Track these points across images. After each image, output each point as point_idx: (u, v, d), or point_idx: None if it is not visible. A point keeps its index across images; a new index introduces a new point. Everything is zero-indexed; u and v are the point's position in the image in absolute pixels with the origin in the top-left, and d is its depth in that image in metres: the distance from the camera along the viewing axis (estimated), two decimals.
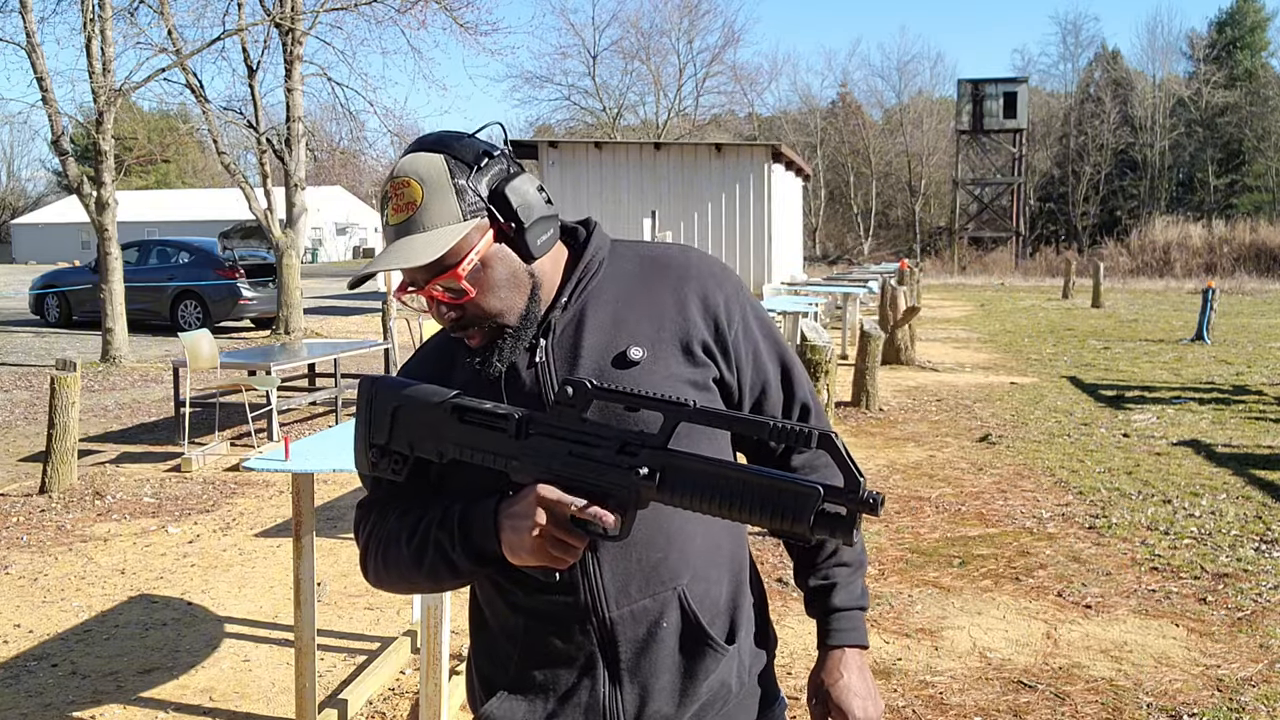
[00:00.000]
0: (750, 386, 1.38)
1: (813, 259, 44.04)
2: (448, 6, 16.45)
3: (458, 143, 1.27)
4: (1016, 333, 16.68)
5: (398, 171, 1.26)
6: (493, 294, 1.27)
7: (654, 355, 1.30)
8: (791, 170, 25.41)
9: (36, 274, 20.47)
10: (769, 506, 1.09)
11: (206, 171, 60.22)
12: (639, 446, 1.16)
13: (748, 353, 1.37)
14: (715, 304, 1.35)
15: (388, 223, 1.27)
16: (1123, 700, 3.45)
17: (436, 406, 1.27)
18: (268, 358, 8.43)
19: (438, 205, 1.23)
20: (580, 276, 1.34)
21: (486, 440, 1.23)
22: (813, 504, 1.07)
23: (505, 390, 1.31)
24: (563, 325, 1.32)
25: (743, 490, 1.10)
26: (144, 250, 17.39)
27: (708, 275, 1.37)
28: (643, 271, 1.37)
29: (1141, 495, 6.09)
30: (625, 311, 1.33)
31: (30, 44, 12.52)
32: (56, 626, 4.27)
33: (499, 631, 1.37)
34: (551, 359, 1.31)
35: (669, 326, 1.32)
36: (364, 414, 1.32)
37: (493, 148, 1.28)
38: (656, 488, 1.13)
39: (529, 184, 1.27)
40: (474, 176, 1.25)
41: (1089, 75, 56.67)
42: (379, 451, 1.31)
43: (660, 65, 47.80)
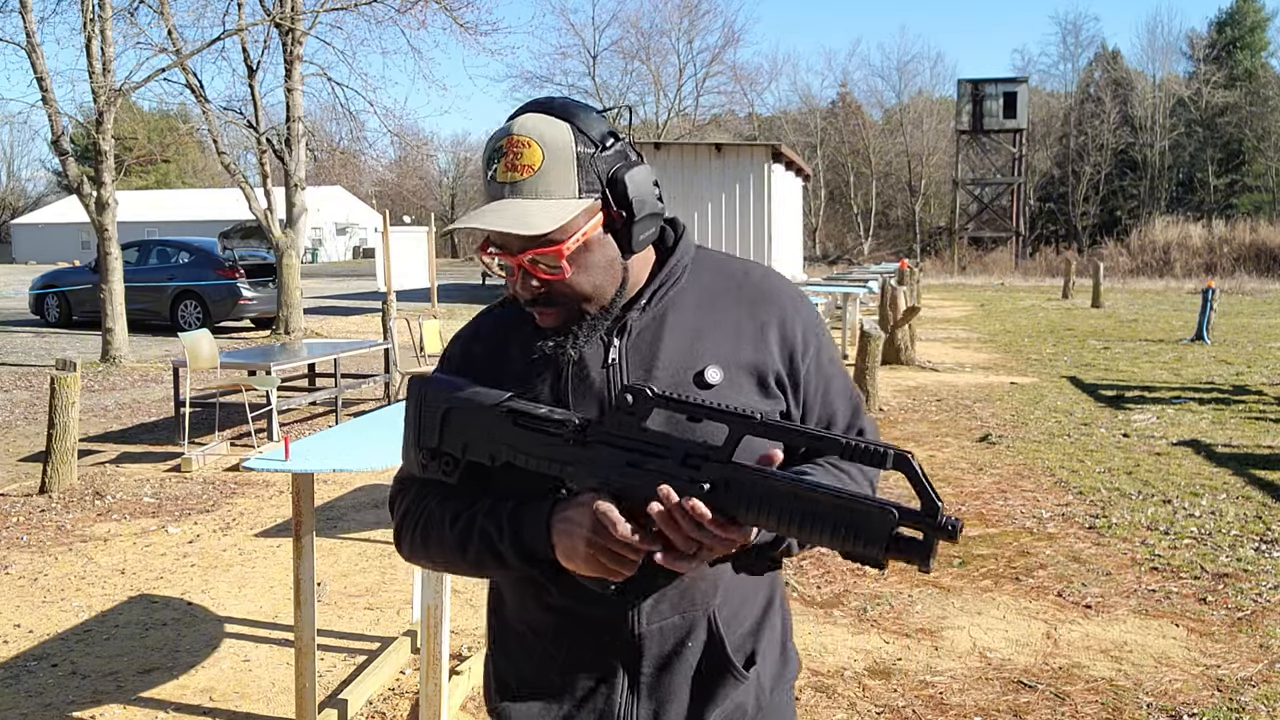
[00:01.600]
0: (817, 421, 1.34)
1: (813, 259, 44.04)
2: (448, 6, 16.44)
3: (586, 116, 1.23)
4: (1016, 333, 16.68)
5: (520, 129, 1.21)
6: (586, 277, 1.24)
7: (729, 380, 1.27)
8: (791, 170, 25.40)
9: (36, 274, 20.47)
10: (840, 528, 1.04)
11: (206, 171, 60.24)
12: (701, 459, 1.11)
13: (817, 389, 1.34)
14: (792, 334, 1.32)
15: (495, 178, 1.21)
16: (1123, 700, 3.45)
17: (490, 409, 1.23)
18: (268, 358, 8.43)
19: (557, 175, 1.20)
20: (664, 280, 1.31)
21: (542, 445, 1.20)
22: (888, 527, 1.02)
23: (570, 383, 1.28)
24: (640, 328, 1.29)
25: (812, 509, 1.05)
26: (144, 250, 17.40)
27: (788, 302, 1.35)
28: (724, 286, 1.34)
29: (1141, 495, 6.09)
30: (705, 327, 1.30)
31: (30, 44, 12.52)
32: (56, 626, 4.27)
33: (524, 628, 1.35)
34: (625, 362, 1.28)
35: (746, 352, 1.29)
36: (413, 415, 1.29)
37: (618, 131, 1.25)
38: (722, 505, 1.08)
39: (647, 176, 1.25)
40: (597, 155, 1.22)
41: (1089, 75, 56.67)
42: (429, 454, 1.28)
43: (660, 65, 47.84)
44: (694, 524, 1.08)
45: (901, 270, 19.21)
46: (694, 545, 1.10)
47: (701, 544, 1.09)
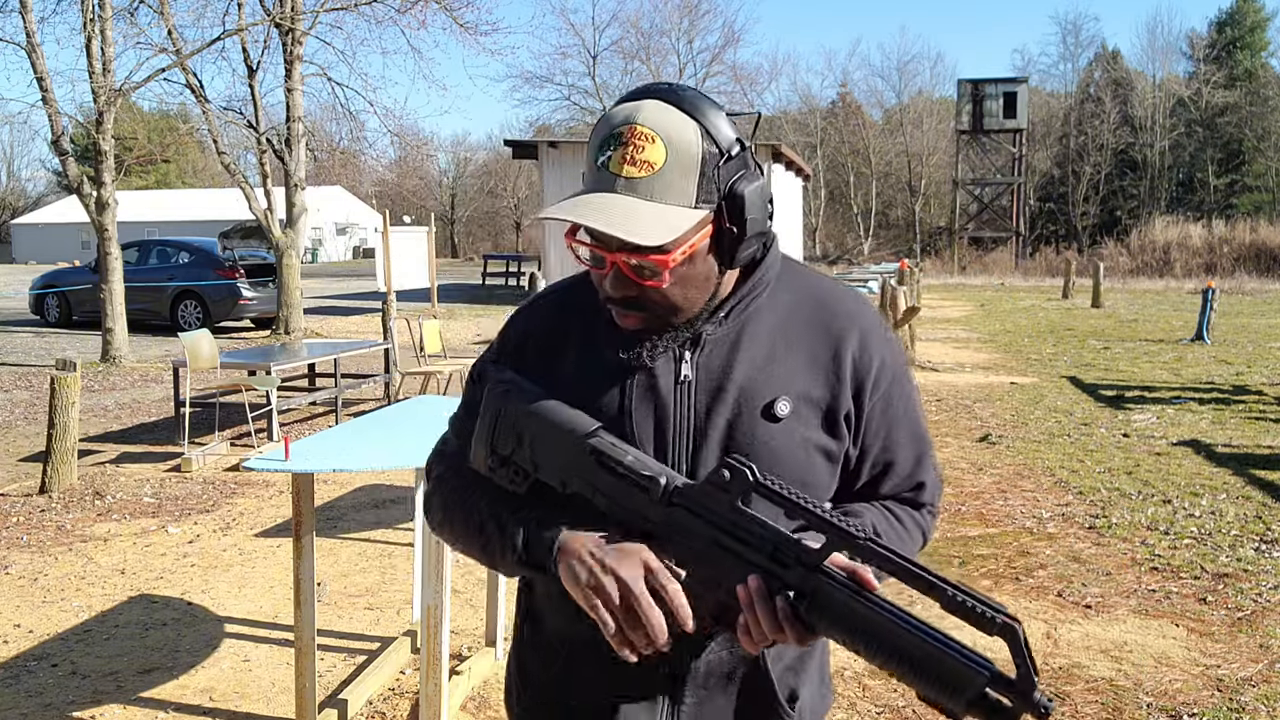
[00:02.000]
0: (873, 464, 1.28)
1: (813, 259, 44.05)
2: (448, 6, 16.45)
3: (716, 116, 1.14)
4: (1016, 333, 16.68)
5: (645, 120, 1.11)
6: (682, 290, 1.16)
7: (797, 414, 1.21)
8: (791, 170, 25.41)
9: (36, 274, 20.48)
10: (927, 674, 0.99)
11: (206, 171, 60.23)
12: (792, 559, 1.05)
13: (880, 429, 1.27)
14: (865, 368, 1.24)
15: (609, 167, 1.11)
16: (1123, 700, 3.45)
17: (574, 440, 1.16)
18: (268, 358, 8.43)
19: (678, 180, 1.10)
20: (746, 294, 1.22)
21: (622, 493, 1.13)
22: (979, 688, 0.96)
23: (633, 391, 1.21)
24: (714, 343, 1.22)
25: (900, 647, 1.00)
26: (144, 250, 17.41)
27: (869, 336, 1.26)
28: (806, 309, 1.26)
29: (1141, 495, 6.09)
30: (781, 351, 1.22)
31: (30, 44, 12.52)
32: (56, 626, 4.27)
33: (564, 645, 1.28)
34: (695, 379, 1.21)
35: (820, 385, 1.22)
36: (490, 420, 1.22)
37: (744, 137, 1.16)
38: (805, 613, 1.03)
39: (764, 193, 1.16)
40: (722, 164, 1.12)
41: (1089, 75, 56.66)
42: (500, 459, 1.21)
43: (660, 65, 47.82)
44: (774, 623, 1.04)
45: (901, 270, 19.20)
46: (766, 639, 1.06)
47: (773, 638, 1.06)
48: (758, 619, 1.04)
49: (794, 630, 1.04)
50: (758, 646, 1.07)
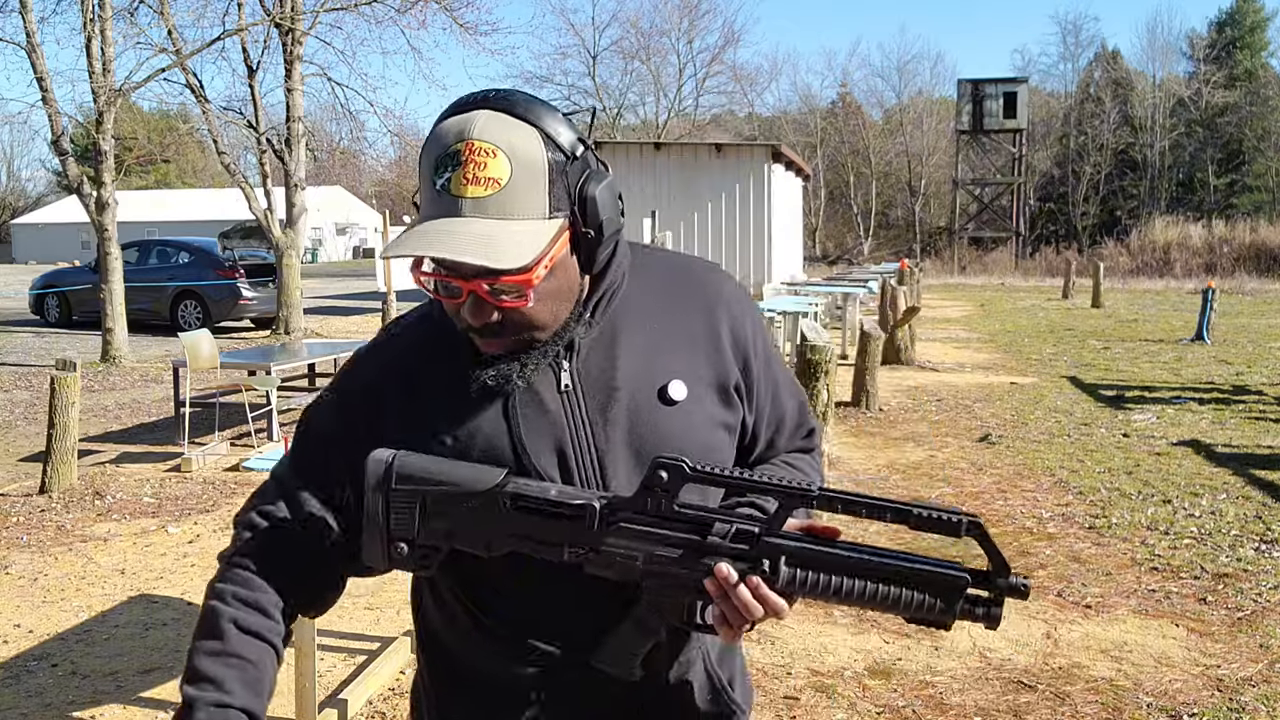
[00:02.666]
0: (768, 423, 1.29)
1: (813, 259, 44.04)
2: (448, 6, 16.46)
3: (553, 119, 1.08)
4: (1016, 333, 16.68)
5: (481, 134, 1.04)
6: (547, 305, 1.10)
7: (694, 395, 1.18)
8: (791, 170, 25.40)
9: (36, 274, 20.47)
10: (909, 597, 1.02)
11: (206, 171, 60.19)
12: (752, 535, 1.06)
13: (768, 391, 1.28)
14: (745, 338, 1.25)
15: (450, 189, 1.03)
16: (1123, 700, 3.45)
17: (484, 500, 1.09)
18: (268, 358, 8.43)
19: (528, 193, 1.04)
20: (607, 289, 1.18)
21: (554, 530, 1.08)
22: (959, 591, 1.01)
23: (519, 412, 1.15)
24: (588, 346, 1.17)
25: (876, 582, 1.03)
26: (144, 250, 17.41)
27: (736, 304, 1.26)
28: (670, 288, 1.24)
29: (1141, 495, 6.09)
30: (660, 337, 1.20)
31: (30, 44, 12.53)
32: (56, 626, 4.27)
33: (496, 684, 1.20)
34: (580, 385, 1.16)
35: (705, 362, 1.21)
36: (380, 503, 1.11)
37: (584, 136, 1.11)
38: (779, 583, 1.04)
39: (614, 189, 1.11)
40: (568, 168, 1.07)
41: (1089, 75, 56.63)
42: (401, 548, 1.12)
43: (660, 65, 47.81)
44: (756, 605, 1.04)
45: (901, 270, 19.21)
46: (746, 621, 1.06)
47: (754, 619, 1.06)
48: (734, 604, 1.04)
49: (774, 604, 1.04)
50: (737, 633, 1.07)
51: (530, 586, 1.16)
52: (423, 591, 1.27)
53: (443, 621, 1.24)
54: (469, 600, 1.20)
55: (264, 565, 1.19)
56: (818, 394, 5.37)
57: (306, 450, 1.25)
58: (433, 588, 1.24)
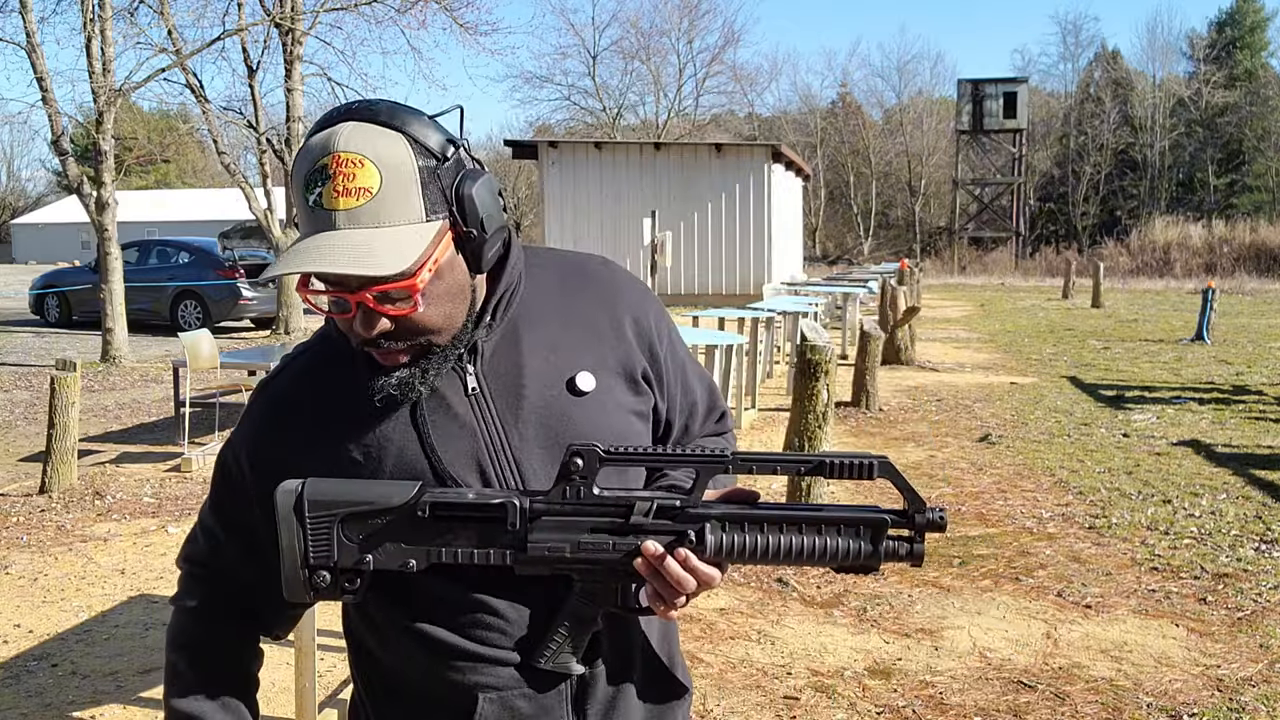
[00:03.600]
0: (680, 410, 1.31)
1: (813, 259, 44.05)
2: (448, 6, 16.46)
3: (419, 123, 1.08)
4: (1016, 333, 16.68)
5: (346, 145, 1.04)
6: (438, 308, 1.10)
7: (603, 385, 1.20)
8: (791, 170, 25.41)
9: (36, 274, 20.48)
10: (832, 547, 1.05)
11: (206, 171, 60.20)
12: (673, 509, 1.08)
13: (677, 378, 1.30)
14: (647, 328, 1.26)
15: (322, 203, 1.03)
16: (1123, 700, 3.45)
17: (401, 509, 1.08)
18: (268, 358, 8.43)
19: (399, 198, 1.04)
20: (505, 290, 1.18)
21: (477, 536, 1.08)
22: (882, 531, 1.05)
23: (428, 420, 1.14)
24: (492, 348, 1.17)
25: (802, 533, 1.05)
26: (144, 250, 17.42)
27: (635, 294, 1.28)
28: (567, 285, 1.25)
29: (1141, 495, 6.09)
30: (561, 334, 1.21)
31: (30, 44, 12.52)
32: (56, 626, 4.27)
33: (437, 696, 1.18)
34: (487, 387, 1.16)
35: (610, 352, 1.22)
36: (295, 532, 1.09)
37: (455, 137, 1.11)
38: (708, 551, 1.06)
39: (492, 187, 1.12)
40: (440, 170, 1.07)
41: (1089, 75, 56.64)
42: (324, 574, 1.10)
43: (660, 65, 47.82)
44: (688, 577, 1.06)
45: (901, 270, 19.21)
46: (681, 595, 1.08)
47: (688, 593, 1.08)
48: (666, 579, 1.07)
49: (705, 573, 1.07)
50: (672, 608, 1.09)
51: (461, 595, 1.15)
52: (351, 614, 1.26)
53: (376, 641, 1.23)
54: (401, 617, 1.18)
55: (208, 614, 1.25)
56: (817, 394, 5.36)
57: (223, 494, 1.25)
58: (361, 609, 1.22)
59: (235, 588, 1.24)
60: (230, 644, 1.26)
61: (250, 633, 1.28)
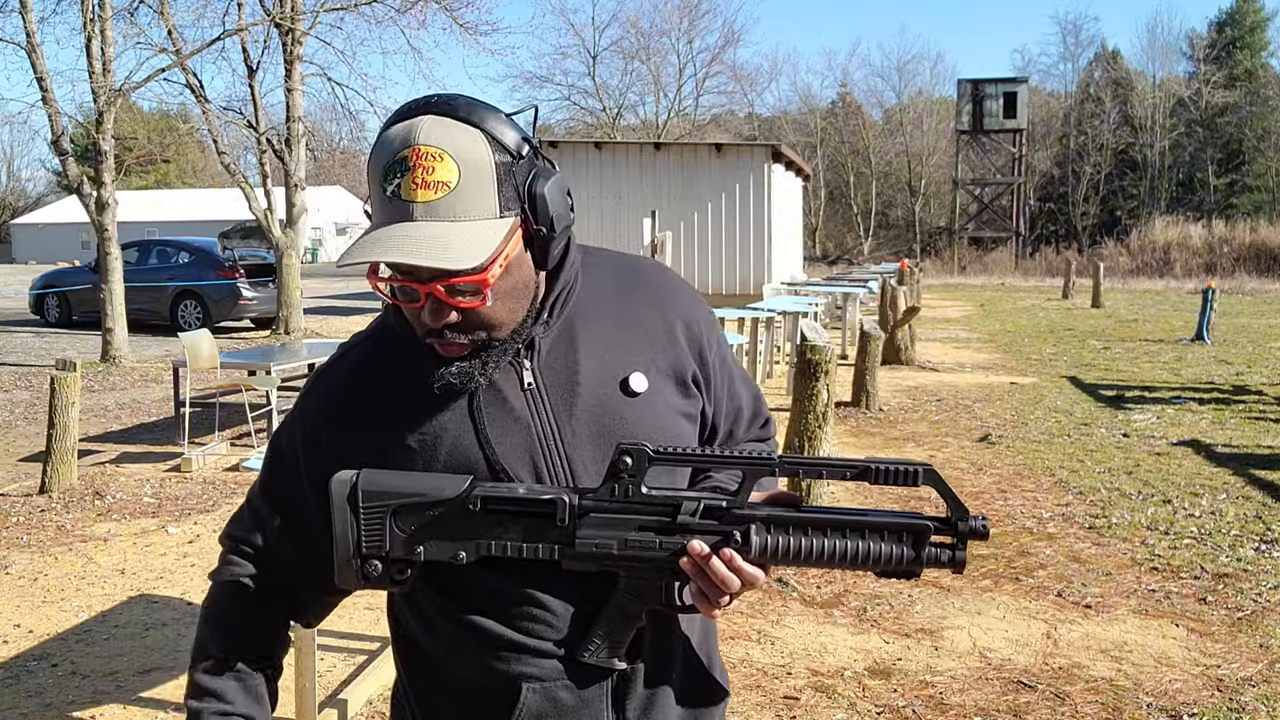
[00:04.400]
0: (726, 414, 1.32)
1: (813, 259, 44.03)
2: (448, 6, 16.46)
3: (496, 121, 1.10)
4: (1016, 333, 16.68)
5: (427, 139, 1.06)
6: (503, 302, 1.12)
7: (654, 386, 1.21)
8: (791, 170, 25.39)
9: (36, 274, 20.47)
10: (875, 550, 1.06)
11: (206, 171, 60.21)
12: (719, 509, 1.09)
13: (724, 383, 1.31)
14: (698, 332, 1.28)
15: (400, 195, 1.05)
16: (1123, 700, 3.45)
17: (453, 501, 1.10)
18: (268, 358, 8.43)
19: (476, 194, 1.06)
20: (562, 289, 1.20)
21: (526, 529, 1.10)
22: (926, 539, 1.06)
23: (483, 412, 1.16)
24: (549, 344, 1.19)
25: (844, 540, 1.07)
26: (144, 250, 17.41)
27: (687, 299, 1.30)
28: (622, 286, 1.27)
29: (1141, 495, 6.09)
30: (616, 333, 1.22)
31: (30, 44, 12.52)
32: (56, 626, 4.27)
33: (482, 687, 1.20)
34: (542, 383, 1.18)
35: (662, 354, 1.23)
36: (349, 522, 1.12)
37: (528, 135, 1.13)
38: (752, 552, 1.07)
39: (562, 186, 1.14)
40: (515, 167, 1.09)
41: (1089, 75, 56.62)
42: (374, 566, 1.12)
43: (660, 65, 47.79)
44: (732, 576, 1.08)
45: (901, 270, 19.21)
46: (725, 595, 1.09)
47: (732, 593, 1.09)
48: (710, 579, 1.08)
49: (749, 574, 1.08)
50: (716, 607, 1.10)
51: (509, 587, 1.17)
52: (398, 603, 1.27)
53: (423, 630, 1.24)
54: (449, 606, 1.20)
55: (246, 592, 1.26)
56: (817, 394, 5.36)
57: (275, 476, 1.27)
58: (409, 598, 1.24)
59: (276, 569, 1.26)
60: (262, 625, 1.27)
61: (283, 616, 1.29)
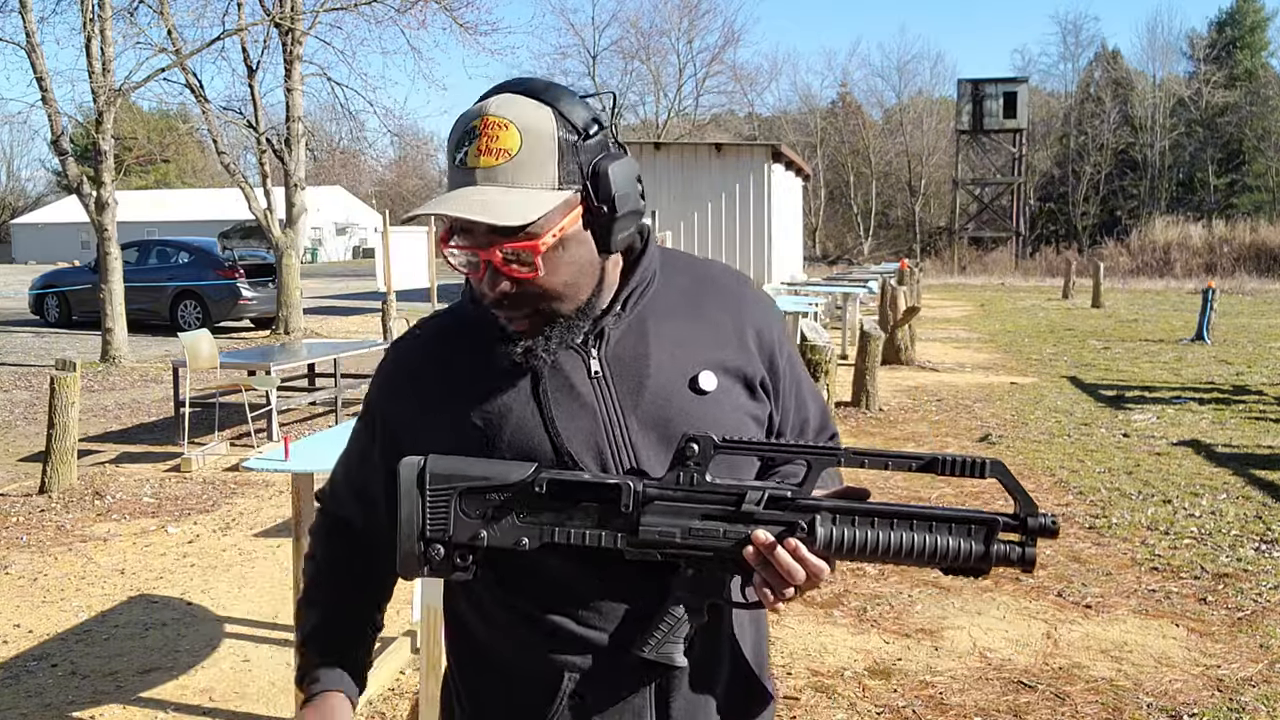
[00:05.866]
0: (793, 425, 1.32)
1: (813, 259, 44.02)
2: (448, 6, 16.46)
3: (569, 100, 1.13)
4: (1016, 333, 16.68)
5: (496, 110, 1.10)
6: (559, 276, 1.13)
7: (723, 386, 1.21)
8: (791, 170, 25.39)
9: (36, 274, 20.47)
10: (943, 547, 1.04)
11: (206, 171, 60.19)
12: (784, 500, 1.08)
13: (792, 392, 1.31)
14: (770, 340, 1.28)
15: (466, 161, 1.10)
16: (1123, 700, 3.45)
17: (518, 485, 1.10)
18: (267, 358, 8.43)
19: (536, 164, 1.09)
20: (638, 284, 1.22)
21: (590, 516, 1.09)
22: (994, 533, 1.04)
23: (550, 397, 1.17)
24: (618, 335, 1.20)
25: (910, 534, 1.05)
26: (144, 250, 17.41)
27: (762, 307, 1.31)
28: (698, 290, 1.28)
29: (1141, 495, 6.09)
30: (688, 332, 1.23)
31: (30, 44, 12.53)
32: (56, 626, 4.27)
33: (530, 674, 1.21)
34: (609, 372, 1.19)
35: (732, 357, 1.24)
36: (415, 505, 1.12)
37: (602, 119, 1.15)
38: (818, 544, 1.06)
39: (631, 170, 1.15)
40: (580, 145, 1.12)
41: (1089, 75, 56.62)
42: (438, 547, 1.12)
43: (660, 65, 47.83)
44: (797, 567, 1.06)
45: (901, 270, 19.21)
46: (789, 586, 1.08)
47: (797, 585, 1.08)
48: (776, 569, 1.07)
49: (814, 565, 1.07)
50: (780, 600, 1.09)
51: (568, 576, 1.17)
52: (455, 591, 1.29)
53: (476, 616, 1.26)
54: (503, 594, 1.21)
55: (339, 565, 1.35)
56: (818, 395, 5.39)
57: (354, 452, 1.35)
58: (466, 584, 1.25)
59: (355, 546, 1.35)
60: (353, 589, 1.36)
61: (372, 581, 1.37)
